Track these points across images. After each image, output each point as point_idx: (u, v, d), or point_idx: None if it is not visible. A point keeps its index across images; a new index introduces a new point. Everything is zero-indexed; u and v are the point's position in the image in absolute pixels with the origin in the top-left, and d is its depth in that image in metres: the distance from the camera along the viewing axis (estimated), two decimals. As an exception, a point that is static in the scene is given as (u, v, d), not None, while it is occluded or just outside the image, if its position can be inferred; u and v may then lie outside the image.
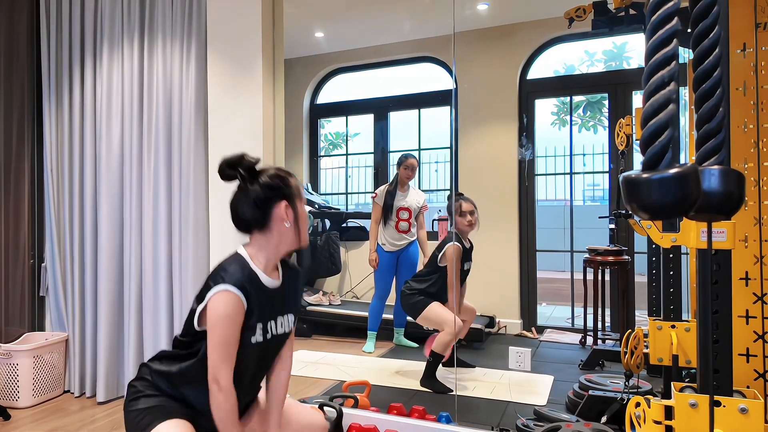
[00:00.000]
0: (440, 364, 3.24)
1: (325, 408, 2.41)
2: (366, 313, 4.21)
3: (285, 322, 1.60)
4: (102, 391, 3.06)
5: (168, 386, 1.52)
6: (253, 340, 1.48)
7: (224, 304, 1.42)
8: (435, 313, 3.25)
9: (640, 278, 3.59)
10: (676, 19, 0.84)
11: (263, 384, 1.68)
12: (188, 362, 1.51)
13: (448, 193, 3.53)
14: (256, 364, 1.55)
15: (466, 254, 3.35)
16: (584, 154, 4.49)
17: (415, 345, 3.72)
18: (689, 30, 0.97)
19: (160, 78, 3.00)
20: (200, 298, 1.46)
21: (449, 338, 3.17)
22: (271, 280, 1.54)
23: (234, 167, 1.49)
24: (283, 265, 1.62)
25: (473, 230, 3.36)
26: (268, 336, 1.53)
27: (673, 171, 0.80)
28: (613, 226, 3.74)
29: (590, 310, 3.75)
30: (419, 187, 4.72)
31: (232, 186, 1.54)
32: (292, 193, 1.53)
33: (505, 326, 4.33)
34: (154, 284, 2.97)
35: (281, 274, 1.60)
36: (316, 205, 5.09)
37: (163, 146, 2.99)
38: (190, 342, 1.51)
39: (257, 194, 1.49)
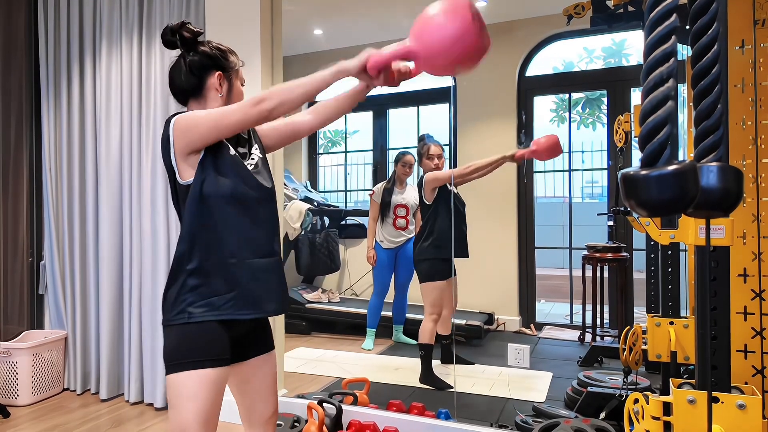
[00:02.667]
0: (433, 359, 3.25)
1: (325, 405, 2.41)
2: (365, 311, 4.21)
3: (254, 152, 1.50)
4: (102, 388, 3.06)
5: (199, 268, 1.37)
6: (231, 152, 1.41)
7: (186, 113, 1.39)
8: (431, 290, 3.25)
9: (639, 275, 3.60)
10: (674, 15, 0.85)
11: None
12: (186, 222, 1.38)
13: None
14: (248, 189, 1.41)
15: (456, 199, 3.33)
16: (583, 151, 4.50)
17: (414, 342, 3.73)
18: (688, 27, 0.97)
19: (158, 76, 2.99)
20: (165, 148, 1.38)
21: (430, 325, 3.22)
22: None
23: (174, 33, 1.47)
24: None
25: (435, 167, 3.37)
26: (239, 155, 1.43)
27: (671, 168, 0.80)
28: (611, 223, 3.74)
29: (589, 307, 3.76)
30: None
31: None
32: (229, 66, 1.50)
33: (504, 323, 4.34)
34: (153, 282, 2.97)
35: None
36: (315, 203, 5.09)
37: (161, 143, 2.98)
38: (185, 204, 1.39)
39: (193, 61, 1.48)
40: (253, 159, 1.48)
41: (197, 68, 1.48)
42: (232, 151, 1.43)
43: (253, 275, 1.39)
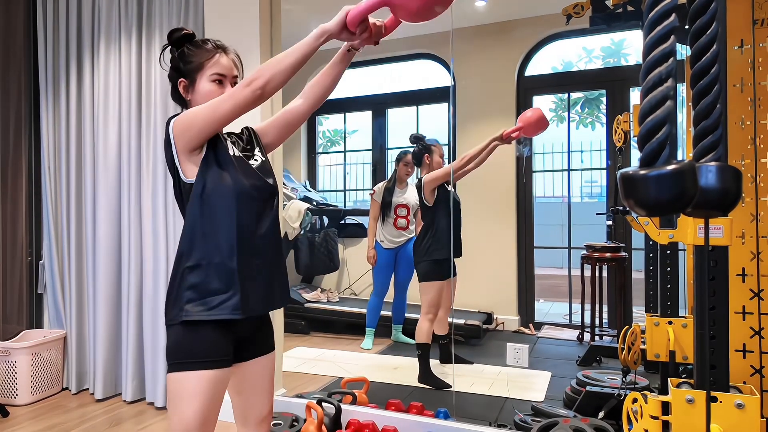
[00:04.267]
0: (432, 359, 3.25)
1: (324, 404, 2.41)
2: (364, 310, 4.21)
3: (254, 154, 1.51)
4: (100, 388, 3.06)
5: (203, 264, 1.37)
6: (231, 153, 1.41)
7: (185, 113, 1.38)
8: (430, 290, 3.26)
9: (638, 274, 3.60)
10: (673, 15, 0.85)
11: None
12: (189, 215, 1.38)
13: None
14: (249, 188, 1.41)
15: (454, 201, 3.33)
16: (582, 151, 4.50)
17: (413, 342, 3.73)
18: (687, 26, 0.97)
19: (157, 74, 2.99)
20: (168, 150, 1.39)
21: (427, 324, 3.23)
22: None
23: (168, 39, 1.51)
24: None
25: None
26: (240, 156, 1.44)
27: (670, 167, 0.80)
28: (610, 222, 3.75)
29: (588, 307, 3.76)
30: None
31: None
32: (190, 69, 1.47)
33: (503, 323, 4.34)
34: (154, 281, 2.97)
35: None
36: (314, 202, 5.09)
37: (160, 143, 2.98)
38: (188, 202, 1.40)
39: (169, 74, 1.52)
40: (255, 160, 1.49)
41: (171, 79, 1.52)
42: (236, 153, 1.44)
43: (252, 275, 1.39)
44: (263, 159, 1.52)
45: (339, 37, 1.40)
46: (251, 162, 1.47)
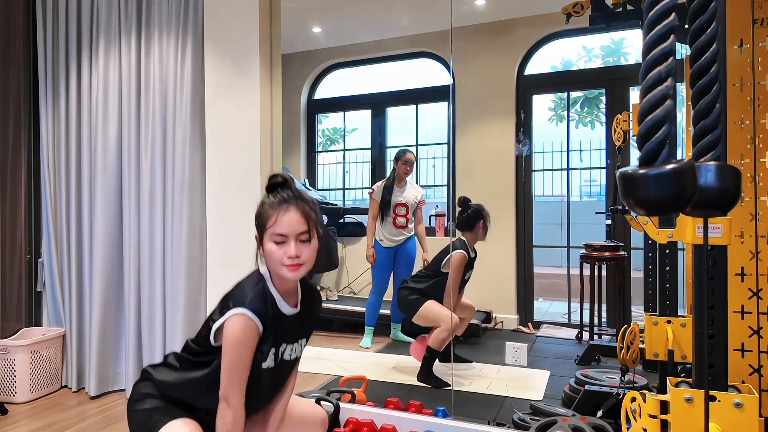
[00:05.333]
0: (436, 360, 3.25)
1: (323, 403, 2.41)
2: (363, 309, 4.22)
3: (297, 348, 1.59)
4: (98, 386, 3.06)
5: (176, 393, 1.52)
6: (264, 365, 1.48)
7: (241, 329, 1.40)
8: (431, 310, 3.26)
9: (637, 274, 3.60)
10: (673, 14, 0.85)
11: None
12: (202, 371, 1.49)
13: (446, 188, 3.55)
14: (268, 386, 1.54)
15: (470, 263, 3.36)
16: (581, 150, 4.50)
17: (412, 340, 3.73)
18: (686, 25, 0.97)
19: (156, 73, 2.99)
20: (219, 313, 1.45)
21: (445, 335, 3.18)
22: (288, 307, 1.52)
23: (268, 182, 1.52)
24: (303, 286, 1.60)
25: (482, 240, 3.39)
26: (279, 361, 1.53)
27: (669, 167, 0.80)
28: (609, 221, 3.75)
29: (587, 306, 3.76)
30: (417, 183, 4.72)
31: (228, 182, 1.54)
32: (262, 225, 1.46)
33: (502, 321, 4.34)
34: (151, 279, 2.97)
35: (300, 298, 1.57)
36: (314, 201, 5.08)
37: (159, 141, 2.98)
38: (205, 353, 1.49)
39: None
40: (290, 356, 1.58)
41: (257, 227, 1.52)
42: (266, 365, 1.49)
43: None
44: (298, 355, 1.64)
45: None
46: (281, 362, 1.54)
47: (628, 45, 4.60)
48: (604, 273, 3.75)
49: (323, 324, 4.59)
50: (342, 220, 5.15)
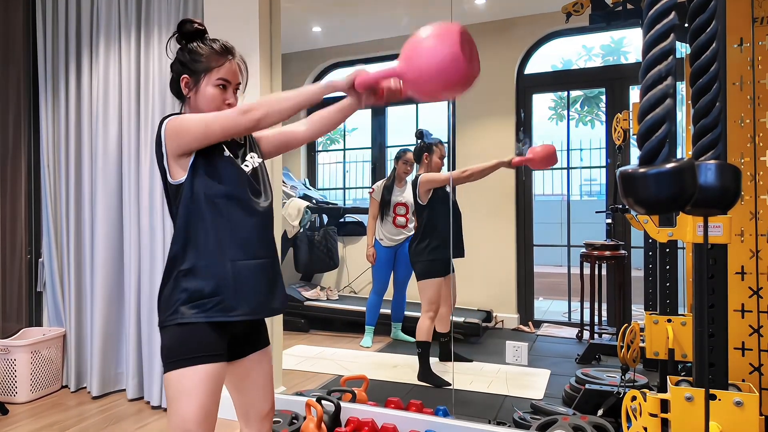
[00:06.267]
0: (431, 357, 3.25)
1: (323, 402, 2.42)
2: (364, 308, 4.22)
3: (249, 159, 1.49)
4: (99, 386, 3.06)
5: (195, 267, 1.38)
6: (225, 154, 1.41)
7: (179, 116, 1.37)
8: (428, 288, 3.26)
9: (637, 273, 3.60)
10: (673, 13, 0.85)
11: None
12: (188, 219, 1.38)
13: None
14: (242, 184, 1.42)
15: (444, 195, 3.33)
16: (581, 149, 4.50)
17: (413, 339, 3.74)
18: (686, 25, 0.97)
19: (156, 73, 2.98)
20: (157, 149, 1.38)
21: (428, 322, 3.23)
22: None
23: (179, 28, 1.48)
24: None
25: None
26: (237, 159, 1.44)
27: (669, 166, 0.80)
28: (609, 220, 3.75)
29: (587, 305, 3.76)
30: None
31: None
32: (199, 69, 1.44)
33: (502, 321, 4.34)
34: (151, 278, 2.96)
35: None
36: (314, 200, 5.09)
37: (159, 141, 2.98)
38: (177, 204, 1.40)
39: (172, 64, 1.49)
40: (247, 165, 1.47)
41: (173, 70, 1.49)
42: (227, 153, 1.42)
43: (245, 277, 1.39)
44: (259, 162, 1.52)
45: (347, 93, 1.41)
46: (244, 166, 1.46)
47: (628, 44, 4.59)
48: (604, 272, 3.75)
49: (324, 323, 4.60)
50: (342, 220, 5.15)
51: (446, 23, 1.25)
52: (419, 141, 3.50)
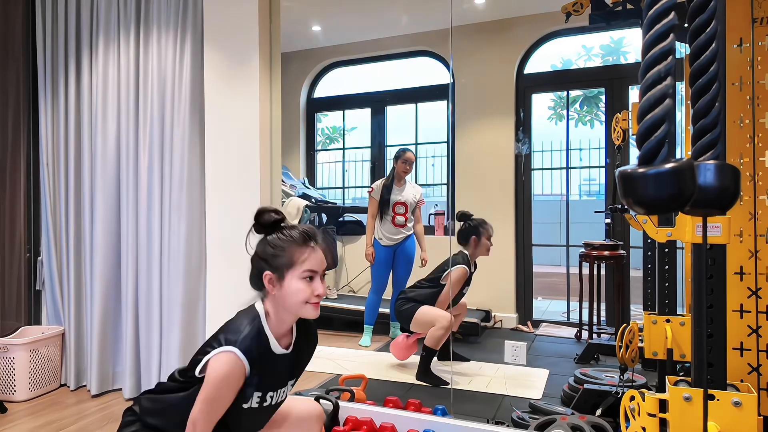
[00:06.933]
0: (434, 358, 3.25)
1: (322, 401, 2.41)
2: (363, 307, 4.22)
3: (284, 392, 1.55)
4: (97, 384, 3.06)
5: (158, 420, 1.50)
6: (245, 406, 1.44)
7: (226, 367, 1.37)
8: (425, 314, 3.27)
9: (636, 273, 3.61)
10: (673, 13, 0.85)
11: None
12: (180, 395, 1.47)
13: (445, 187, 3.55)
14: (247, 423, 1.51)
15: (469, 278, 3.36)
16: (581, 149, 4.50)
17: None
18: (686, 25, 0.97)
19: (155, 71, 2.98)
20: (209, 347, 1.42)
21: (441, 332, 3.20)
22: (280, 348, 1.48)
23: (256, 220, 1.46)
24: (300, 326, 1.56)
25: (485, 254, 3.40)
26: (264, 404, 1.49)
27: (668, 166, 0.80)
28: (608, 220, 3.75)
29: (586, 305, 3.77)
30: (416, 182, 4.72)
31: (227, 181, 1.52)
32: (281, 264, 1.43)
33: (501, 320, 4.34)
34: (148, 278, 2.96)
35: (294, 338, 1.54)
36: (313, 199, 5.09)
37: (158, 140, 2.98)
38: (189, 381, 1.47)
39: (253, 258, 1.47)
40: (282, 394, 1.54)
41: (253, 265, 1.47)
42: (248, 405, 1.45)
43: None
44: (290, 390, 1.60)
45: None
46: (266, 405, 1.50)
47: (627, 44, 4.59)
48: (603, 272, 3.75)
49: (323, 322, 4.59)
50: (341, 219, 5.15)
51: None
52: (463, 223, 3.40)
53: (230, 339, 1.39)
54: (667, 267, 2.18)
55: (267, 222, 1.45)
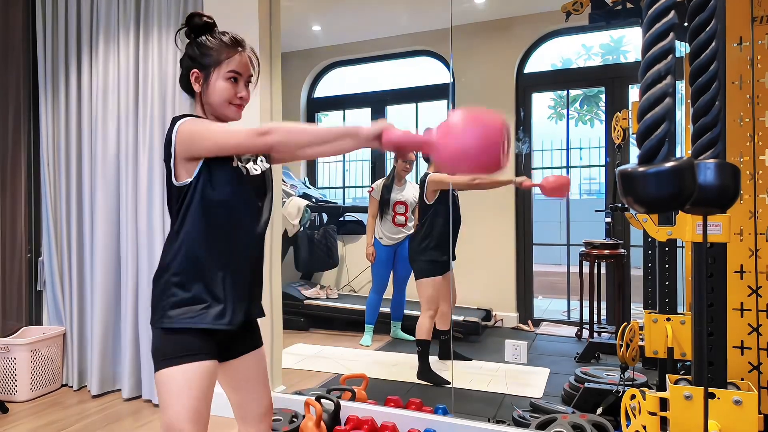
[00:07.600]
0: (431, 355, 3.26)
1: (323, 400, 2.42)
2: (363, 307, 4.22)
3: (258, 164, 1.50)
4: (98, 384, 3.06)
5: (187, 265, 1.38)
6: (234, 164, 1.40)
7: (193, 120, 1.36)
8: (427, 287, 3.26)
9: (636, 271, 3.61)
10: (672, 12, 0.85)
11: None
12: (187, 223, 1.38)
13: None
14: (245, 189, 1.43)
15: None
16: (581, 148, 4.50)
17: (412, 338, 3.74)
18: (686, 23, 0.97)
19: (155, 71, 2.98)
20: (167, 148, 1.39)
21: (427, 321, 3.24)
22: None
23: (187, 22, 1.46)
24: None
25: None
26: (242, 164, 1.43)
27: (668, 165, 0.80)
28: (609, 219, 3.75)
29: (586, 303, 3.77)
30: (416, 181, 4.72)
31: None
32: (209, 63, 1.42)
33: (502, 319, 4.35)
34: (149, 278, 2.95)
35: None
36: (314, 199, 5.09)
37: (158, 140, 2.98)
38: (178, 207, 1.40)
39: (182, 59, 1.47)
40: (256, 170, 1.48)
41: (182, 66, 1.48)
42: (235, 163, 1.42)
43: (235, 287, 1.40)
44: (265, 168, 1.51)
45: (369, 145, 1.33)
46: (252, 170, 1.46)
47: (627, 43, 4.59)
48: (603, 271, 3.75)
49: (323, 322, 4.60)
50: (342, 219, 5.16)
51: (492, 115, 1.24)
52: None
53: (176, 119, 1.40)
54: (667, 266, 2.19)
55: (197, 24, 1.47)
